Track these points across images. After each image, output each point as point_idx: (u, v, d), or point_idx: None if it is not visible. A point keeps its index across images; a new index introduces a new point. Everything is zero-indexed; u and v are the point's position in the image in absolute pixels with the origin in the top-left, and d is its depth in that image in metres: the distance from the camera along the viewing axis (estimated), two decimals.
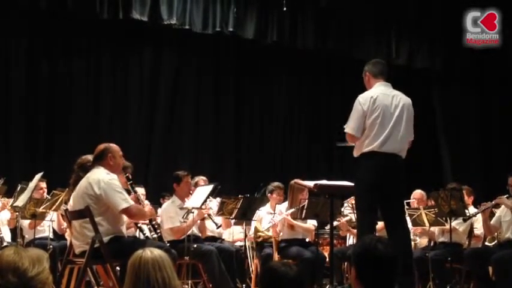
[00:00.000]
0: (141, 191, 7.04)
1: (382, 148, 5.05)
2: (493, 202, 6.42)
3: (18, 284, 2.15)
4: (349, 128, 5.14)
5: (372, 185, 5.06)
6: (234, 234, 7.66)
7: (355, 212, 7.18)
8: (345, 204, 7.62)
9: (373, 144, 5.05)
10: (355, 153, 5.21)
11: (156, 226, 5.61)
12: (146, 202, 5.79)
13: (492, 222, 6.56)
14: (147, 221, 5.56)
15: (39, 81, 8.89)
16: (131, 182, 5.34)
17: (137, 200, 5.22)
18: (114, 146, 5.00)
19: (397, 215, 5.22)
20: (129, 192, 5.07)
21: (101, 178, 4.72)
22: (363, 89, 5.72)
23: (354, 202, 7.46)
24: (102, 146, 4.97)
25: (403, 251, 5.09)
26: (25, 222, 6.96)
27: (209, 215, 6.59)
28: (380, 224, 6.15)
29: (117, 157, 4.95)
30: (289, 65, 10.56)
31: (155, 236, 5.66)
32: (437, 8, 10.10)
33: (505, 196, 6.34)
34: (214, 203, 6.91)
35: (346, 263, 7.06)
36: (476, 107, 11.07)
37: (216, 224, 6.73)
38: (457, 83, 10.89)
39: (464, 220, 6.56)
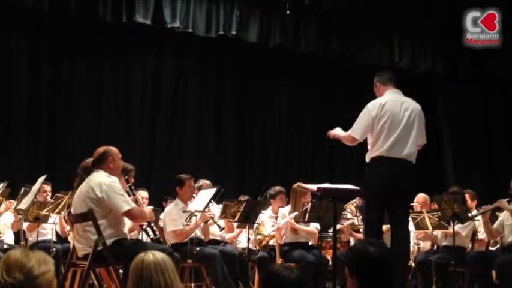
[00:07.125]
0: (144, 194, 7.05)
1: (389, 153, 5.08)
2: (493, 205, 6.41)
3: (24, 281, 2.20)
4: (353, 130, 5.21)
5: (378, 193, 5.11)
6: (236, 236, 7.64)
7: (356, 215, 7.23)
8: (346, 208, 7.59)
9: (381, 149, 5.09)
10: (366, 159, 5.26)
11: (154, 228, 5.59)
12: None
13: (495, 226, 6.54)
14: (147, 223, 5.56)
15: (42, 84, 8.89)
16: (131, 184, 5.34)
17: (136, 202, 5.22)
18: (113, 148, 4.99)
19: (400, 218, 5.26)
20: (128, 195, 5.07)
21: (102, 181, 4.72)
22: (366, 93, 5.73)
23: (353, 207, 7.53)
24: (101, 149, 4.96)
25: (400, 253, 5.13)
26: (25, 225, 6.96)
27: (212, 218, 6.57)
28: (385, 227, 6.16)
29: (117, 160, 4.95)
30: (292, 69, 10.54)
31: (152, 237, 5.64)
32: (438, 8, 10.08)
33: (506, 199, 6.33)
34: (216, 209, 6.89)
35: None
36: (478, 109, 11.04)
37: (219, 226, 6.70)
38: (459, 84, 10.84)
39: (462, 222, 6.53)
